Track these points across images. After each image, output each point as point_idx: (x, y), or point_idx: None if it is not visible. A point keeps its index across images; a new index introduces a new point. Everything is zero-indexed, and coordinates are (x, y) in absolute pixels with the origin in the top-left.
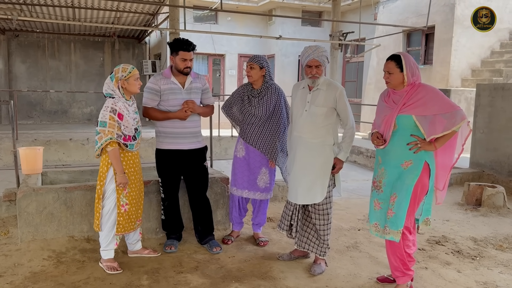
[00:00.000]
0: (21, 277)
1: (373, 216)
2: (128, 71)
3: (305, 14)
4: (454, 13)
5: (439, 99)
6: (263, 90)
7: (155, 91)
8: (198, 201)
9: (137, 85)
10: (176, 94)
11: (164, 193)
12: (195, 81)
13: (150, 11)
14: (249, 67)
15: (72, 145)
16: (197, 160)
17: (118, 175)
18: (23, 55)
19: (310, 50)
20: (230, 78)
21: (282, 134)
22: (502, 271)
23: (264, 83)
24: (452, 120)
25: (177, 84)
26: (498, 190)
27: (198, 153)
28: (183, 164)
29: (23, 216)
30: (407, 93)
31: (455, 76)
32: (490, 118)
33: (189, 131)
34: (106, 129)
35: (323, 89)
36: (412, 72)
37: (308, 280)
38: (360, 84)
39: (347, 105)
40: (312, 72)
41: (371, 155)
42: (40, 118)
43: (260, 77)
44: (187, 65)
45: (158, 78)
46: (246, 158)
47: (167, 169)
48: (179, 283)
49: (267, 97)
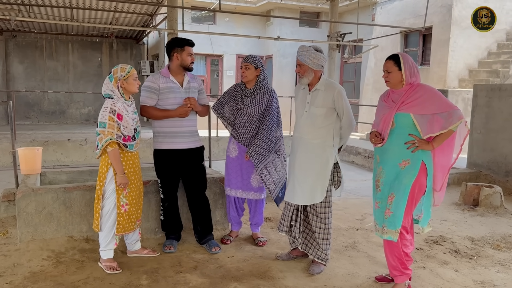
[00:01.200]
0: (21, 277)
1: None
2: (127, 71)
3: (303, 15)
4: (452, 14)
5: (437, 98)
6: (256, 89)
7: (154, 89)
8: (197, 201)
9: (136, 84)
10: (175, 93)
11: (164, 193)
12: (192, 81)
13: (148, 12)
14: (244, 68)
15: (70, 146)
16: (195, 160)
17: (118, 176)
18: (21, 55)
19: (298, 49)
20: (228, 79)
21: (274, 135)
22: (499, 270)
23: (257, 82)
24: (449, 119)
25: (176, 83)
26: (495, 190)
27: (196, 153)
28: (181, 164)
29: (22, 216)
30: (406, 92)
31: (452, 76)
32: (487, 118)
33: (187, 129)
34: (106, 129)
35: (321, 89)
36: (411, 71)
37: (307, 280)
38: (357, 85)
39: (344, 105)
40: (296, 70)
41: (369, 155)
42: (38, 118)
43: (254, 77)
44: (193, 60)
45: (157, 76)
46: (239, 158)
47: (166, 170)
48: (178, 283)
49: (259, 97)
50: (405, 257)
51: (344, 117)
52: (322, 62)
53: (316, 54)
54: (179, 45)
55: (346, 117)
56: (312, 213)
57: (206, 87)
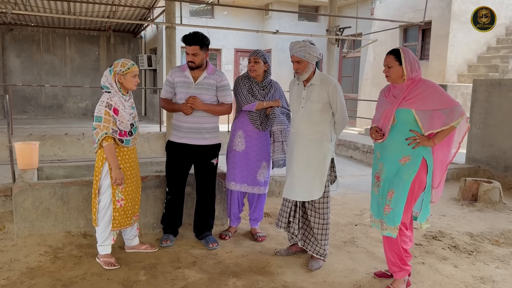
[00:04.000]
0: (18, 272)
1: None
2: (127, 67)
3: (301, 9)
4: (451, 9)
5: (439, 94)
6: (267, 84)
7: (170, 83)
8: (201, 198)
9: (134, 82)
10: (185, 87)
11: (168, 186)
12: (210, 77)
13: (146, 5)
14: (254, 62)
15: (67, 140)
16: (203, 157)
17: (113, 171)
18: (17, 49)
19: (291, 46)
20: (226, 73)
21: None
22: (499, 266)
23: (265, 77)
24: (451, 115)
25: (189, 78)
26: (494, 186)
27: (205, 150)
28: (190, 160)
29: (19, 211)
30: (407, 88)
31: (451, 71)
32: (486, 113)
33: (193, 126)
34: (102, 124)
35: (317, 84)
36: (412, 66)
37: (306, 275)
38: (356, 80)
39: (339, 100)
40: (294, 68)
41: (368, 150)
42: (35, 112)
43: (263, 72)
44: (188, 59)
45: (175, 70)
46: (246, 152)
47: (173, 162)
48: (177, 279)
49: (272, 92)
50: (404, 253)
51: (338, 113)
52: (318, 54)
53: (312, 47)
54: (182, 41)
55: (340, 113)
56: (310, 209)
57: None
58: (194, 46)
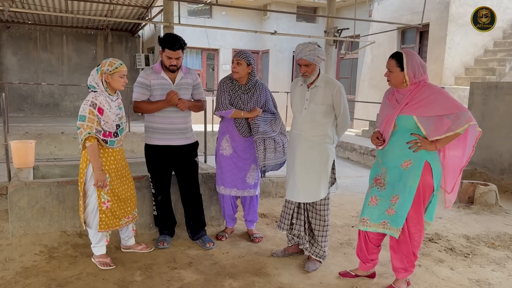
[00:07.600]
0: (13, 272)
1: (365, 211)
2: (115, 67)
3: (300, 10)
4: (449, 11)
5: (444, 99)
6: (251, 87)
7: (145, 85)
8: (189, 197)
9: (122, 82)
10: (165, 90)
11: (155, 188)
12: (186, 76)
13: (144, 4)
14: (236, 63)
15: (64, 139)
16: (186, 156)
17: (94, 172)
18: (14, 47)
19: (299, 48)
20: (224, 73)
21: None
22: (495, 269)
23: (249, 80)
24: (456, 121)
25: (167, 80)
26: (490, 188)
27: (187, 149)
28: (172, 160)
29: (14, 210)
30: (411, 93)
31: (448, 74)
32: (483, 116)
33: (177, 127)
34: (85, 123)
35: (321, 86)
36: (415, 71)
37: (302, 277)
38: (354, 81)
39: (342, 103)
40: (301, 71)
41: (365, 152)
42: (31, 111)
43: (246, 74)
44: (172, 63)
45: (148, 72)
46: (233, 156)
47: (156, 165)
48: (173, 279)
49: (257, 95)
50: (412, 256)
51: (340, 116)
52: (324, 56)
53: (320, 50)
54: (161, 45)
55: (343, 116)
56: (311, 210)
57: (202, 81)
58: (178, 51)
